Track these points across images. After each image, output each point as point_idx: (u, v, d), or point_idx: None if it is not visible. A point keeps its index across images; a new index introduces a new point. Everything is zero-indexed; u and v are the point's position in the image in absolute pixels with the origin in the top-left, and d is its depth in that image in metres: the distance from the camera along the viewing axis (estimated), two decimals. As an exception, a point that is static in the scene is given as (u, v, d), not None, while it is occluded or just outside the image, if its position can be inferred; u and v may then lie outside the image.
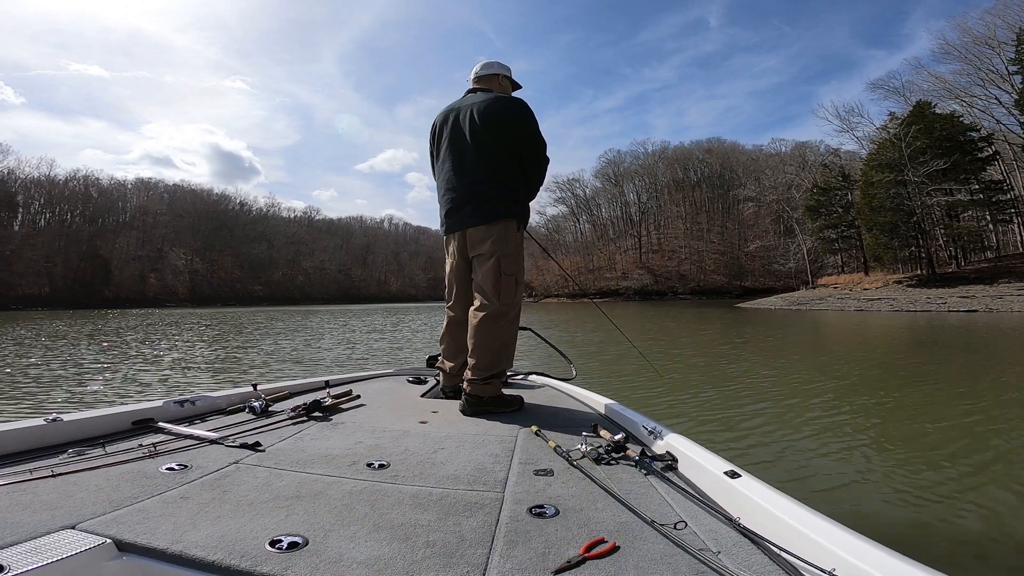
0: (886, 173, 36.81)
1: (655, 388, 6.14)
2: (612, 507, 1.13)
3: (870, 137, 44.17)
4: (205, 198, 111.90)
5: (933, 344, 11.36)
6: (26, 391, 6.28)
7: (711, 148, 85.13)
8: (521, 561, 0.89)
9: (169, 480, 1.24)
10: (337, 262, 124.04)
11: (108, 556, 0.89)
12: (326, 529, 0.99)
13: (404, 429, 1.81)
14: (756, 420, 4.56)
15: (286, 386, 2.39)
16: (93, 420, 1.64)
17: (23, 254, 77.83)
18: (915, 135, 36.29)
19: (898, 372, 7.44)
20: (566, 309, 42.10)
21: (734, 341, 12.44)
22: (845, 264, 49.78)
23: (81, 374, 7.68)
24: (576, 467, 1.38)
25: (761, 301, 39.21)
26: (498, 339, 2.15)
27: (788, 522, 0.95)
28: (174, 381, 7.14)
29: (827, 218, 46.39)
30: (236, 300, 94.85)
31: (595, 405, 2.18)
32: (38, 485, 1.17)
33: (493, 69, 2.44)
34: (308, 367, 8.62)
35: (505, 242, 2.17)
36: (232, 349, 11.65)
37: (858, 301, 30.75)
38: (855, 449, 3.73)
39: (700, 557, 0.89)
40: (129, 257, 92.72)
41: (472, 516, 1.08)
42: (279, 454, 1.48)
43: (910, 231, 37.25)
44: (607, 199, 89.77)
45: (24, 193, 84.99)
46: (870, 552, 0.81)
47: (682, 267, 76.46)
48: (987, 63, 38.34)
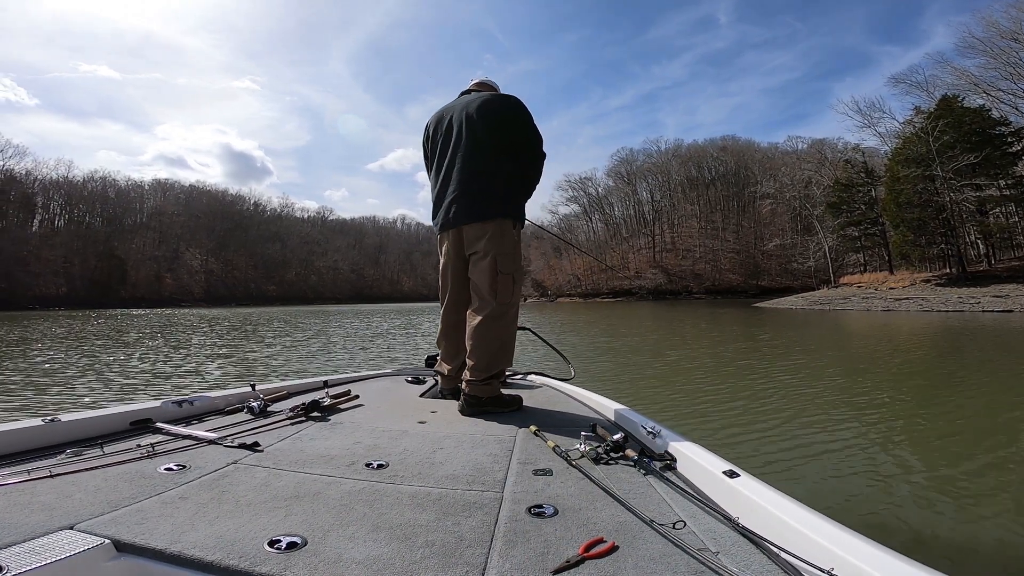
0: (913, 168, 35.62)
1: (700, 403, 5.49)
2: (611, 507, 1.13)
3: (893, 132, 42.96)
4: (220, 198, 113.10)
5: (973, 346, 10.53)
6: (33, 391, 5.99)
7: (725, 146, 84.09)
8: (520, 561, 0.89)
9: (167, 480, 1.24)
10: (350, 262, 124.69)
11: (107, 556, 0.90)
12: (325, 529, 0.99)
13: (403, 429, 1.80)
14: (815, 436, 3.94)
15: (284, 386, 2.37)
16: (91, 420, 1.63)
17: (41, 254, 79.06)
18: (943, 129, 35.08)
19: (955, 376, 6.75)
20: (581, 310, 41.45)
21: (756, 338, 11.72)
22: (867, 262, 48.37)
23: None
24: (575, 467, 1.37)
25: (780, 300, 38.06)
26: (496, 339, 2.11)
27: (787, 522, 0.96)
28: (174, 383, 6.80)
29: (849, 215, 45.09)
30: (250, 300, 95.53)
31: (594, 405, 2.17)
32: (36, 486, 1.16)
33: (489, 83, 2.45)
34: (308, 367, 8.42)
35: (501, 240, 2.13)
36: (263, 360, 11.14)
37: (885, 300, 29.54)
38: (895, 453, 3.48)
39: (699, 557, 0.90)
40: (145, 257, 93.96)
41: (471, 516, 1.08)
42: (278, 454, 1.48)
43: (939, 228, 36.00)
44: (620, 198, 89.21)
45: (43, 195, 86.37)
46: (869, 552, 0.82)
47: (697, 266, 75.33)
48: (1014, 57, 36.90)
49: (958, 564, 2.16)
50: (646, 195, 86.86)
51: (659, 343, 11.81)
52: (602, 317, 26.09)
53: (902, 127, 41.34)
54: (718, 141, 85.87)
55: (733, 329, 16.20)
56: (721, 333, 14.82)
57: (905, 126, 40.64)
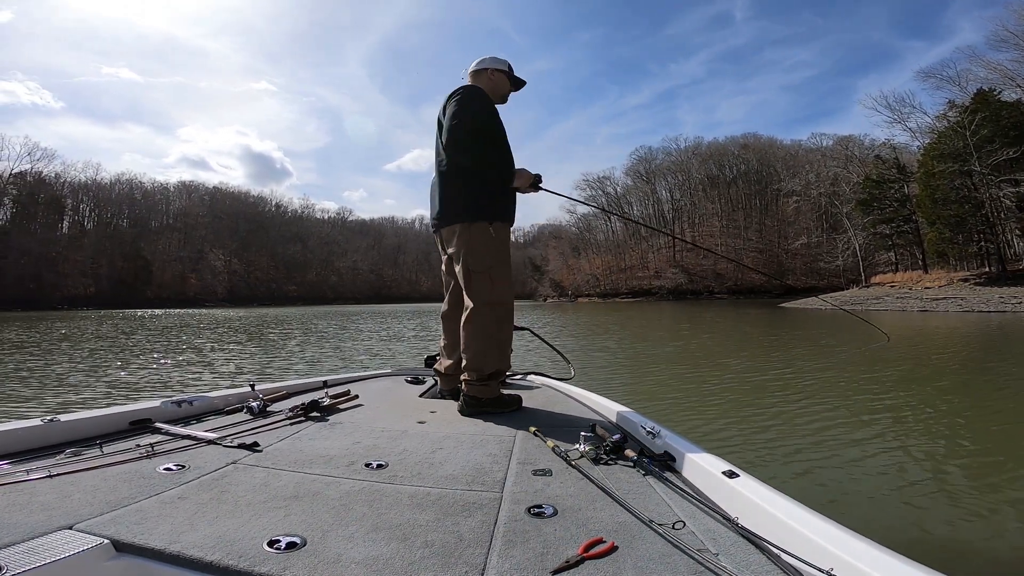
0: (949, 163, 34.33)
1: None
2: (610, 507, 1.13)
3: (924, 127, 41.64)
4: (243, 200, 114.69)
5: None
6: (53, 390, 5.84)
7: (747, 143, 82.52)
8: (519, 561, 0.89)
9: (167, 480, 1.24)
10: (369, 262, 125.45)
11: (106, 556, 0.90)
12: (324, 529, 0.99)
13: (402, 429, 1.80)
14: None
15: (284, 386, 2.37)
16: (90, 420, 1.63)
17: (70, 255, 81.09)
18: (980, 123, 33.75)
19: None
20: (602, 310, 40.89)
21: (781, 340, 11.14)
22: (898, 261, 46.84)
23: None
24: (574, 467, 1.37)
25: (808, 301, 36.84)
26: (480, 338, 2.09)
27: (786, 522, 0.96)
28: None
29: (880, 212, 43.67)
30: (271, 300, 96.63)
31: (593, 405, 2.16)
32: (35, 486, 1.16)
33: (484, 64, 2.35)
34: (308, 367, 8.39)
35: (470, 238, 2.12)
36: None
37: (921, 301, 28.39)
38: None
39: (698, 557, 0.89)
40: (170, 258, 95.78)
41: (470, 516, 1.08)
42: (277, 454, 1.48)
43: (978, 225, 34.62)
44: (639, 197, 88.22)
45: (73, 197, 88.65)
46: (868, 552, 0.81)
47: (718, 266, 73.93)
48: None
49: (959, 564, 2.13)
50: (665, 194, 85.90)
51: (719, 351, 11.33)
52: (627, 319, 25.60)
53: (934, 122, 40.15)
54: (739, 139, 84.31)
55: (787, 333, 15.59)
56: (777, 336, 14.25)
57: (938, 121, 39.44)
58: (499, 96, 2.36)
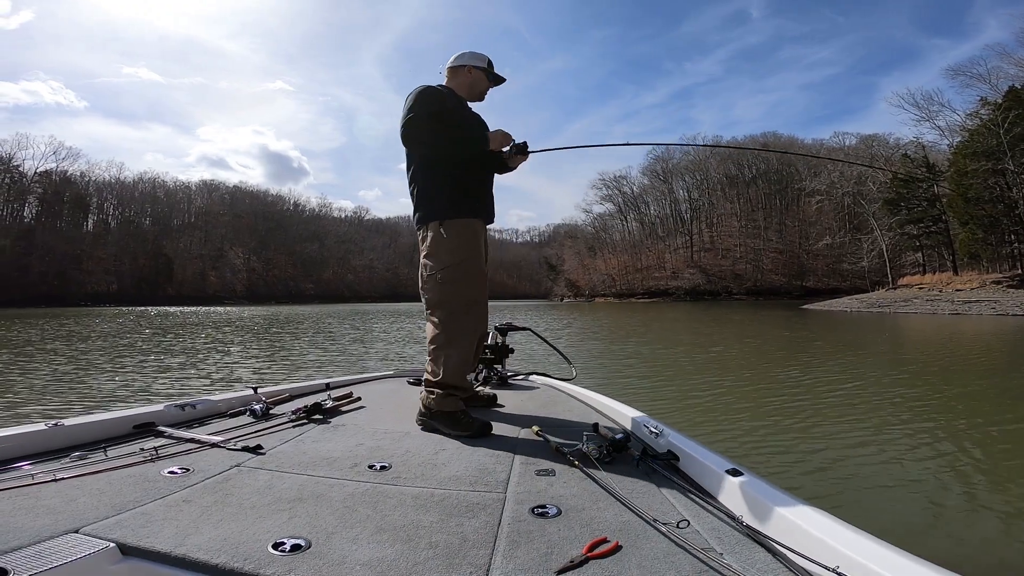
0: (982, 162, 33.26)
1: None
2: (614, 506, 1.13)
3: (954, 126, 40.61)
4: (262, 199, 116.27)
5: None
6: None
7: (767, 143, 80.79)
8: (524, 561, 0.89)
9: (171, 484, 1.24)
10: (385, 260, 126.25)
11: (112, 560, 0.90)
12: (328, 531, 0.99)
13: (405, 431, 1.81)
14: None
15: (287, 389, 2.36)
16: (94, 424, 1.62)
17: (94, 253, 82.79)
18: (1014, 120, 32.58)
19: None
20: (618, 311, 40.42)
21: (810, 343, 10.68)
22: (926, 263, 45.58)
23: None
24: (577, 467, 1.37)
25: (832, 303, 36.02)
26: (435, 345, 1.97)
27: (791, 520, 0.95)
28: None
29: (908, 212, 42.53)
30: (289, 298, 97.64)
31: (596, 405, 2.15)
32: (41, 490, 1.17)
33: (462, 60, 2.23)
34: (309, 368, 8.35)
35: (428, 242, 2.03)
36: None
37: (952, 303, 27.47)
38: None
39: (703, 556, 0.89)
40: (191, 256, 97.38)
41: (474, 517, 1.08)
42: (280, 457, 1.48)
43: (1012, 225, 33.46)
44: (655, 196, 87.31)
45: (97, 196, 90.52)
46: (874, 549, 0.80)
47: (737, 266, 72.89)
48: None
49: (960, 563, 1.93)
50: (683, 193, 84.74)
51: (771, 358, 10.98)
52: (651, 319, 25.19)
53: (964, 120, 39.17)
54: (758, 138, 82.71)
55: (833, 336, 15.12)
56: (823, 341, 13.80)
57: (969, 119, 38.38)
58: (477, 93, 2.27)
